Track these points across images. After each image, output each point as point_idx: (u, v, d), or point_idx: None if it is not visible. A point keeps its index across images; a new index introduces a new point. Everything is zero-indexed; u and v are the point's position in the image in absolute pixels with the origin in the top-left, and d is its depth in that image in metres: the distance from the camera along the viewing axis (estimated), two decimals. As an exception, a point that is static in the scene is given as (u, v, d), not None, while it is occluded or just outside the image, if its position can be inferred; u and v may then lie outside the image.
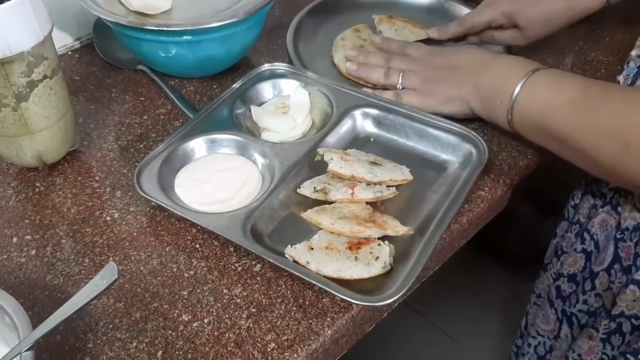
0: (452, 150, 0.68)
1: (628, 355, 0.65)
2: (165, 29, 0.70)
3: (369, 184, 0.64)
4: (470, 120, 0.73)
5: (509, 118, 0.64)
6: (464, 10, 0.90)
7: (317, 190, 0.63)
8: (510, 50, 0.83)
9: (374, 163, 0.66)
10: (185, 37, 0.71)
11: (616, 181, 0.60)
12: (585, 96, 0.59)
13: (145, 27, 0.70)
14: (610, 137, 0.55)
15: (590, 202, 0.73)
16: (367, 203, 0.63)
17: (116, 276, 0.46)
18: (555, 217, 0.84)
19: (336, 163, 0.65)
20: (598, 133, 0.56)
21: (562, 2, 0.77)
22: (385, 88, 0.75)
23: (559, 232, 0.79)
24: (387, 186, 0.64)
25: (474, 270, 1.54)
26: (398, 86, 0.74)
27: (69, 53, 0.84)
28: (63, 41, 0.84)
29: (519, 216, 1.43)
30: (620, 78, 0.68)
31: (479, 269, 1.55)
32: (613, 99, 0.57)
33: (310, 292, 0.56)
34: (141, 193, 0.61)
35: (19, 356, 0.45)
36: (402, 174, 0.66)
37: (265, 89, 0.75)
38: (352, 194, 0.62)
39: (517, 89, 0.63)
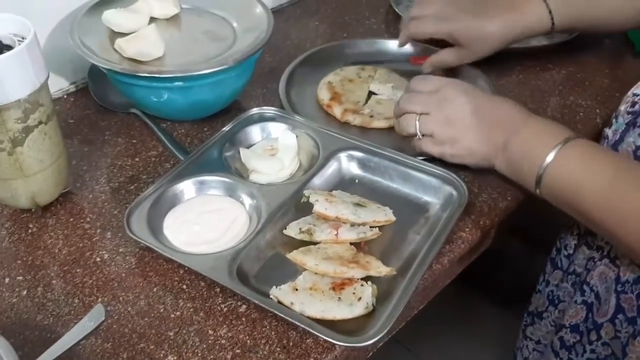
0: (434, 192, 0.70)
1: None
2: (157, 75, 0.72)
3: (353, 225, 0.66)
4: (450, 163, 0.76)
5: (537, 187, 0.63)
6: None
7: (303, 231, 0.65)
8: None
9: (358, 204, 0.68)
10: (176, 83, 0.74)
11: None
12: (619, 183, 0.57)
13: (138, 74, 0.72)
14: None
15: (585, 253, 0.72)
16: (351, 244, 0.65)
17: (103, 318, 0.48)
18: (543, 254, 0.85)
19: (321, 204, 0.67)
20: (630, 221, 0.56)
21: (500, 22, 0.81)
22: None
23: (552, 280, 0.78)
24: (371, 227, 0.66)
25: (465, 307, 1.54)
26: (418, 136, 0.70)
27: (65, 96, 0.87)
28: (59, 85, 0.86)
29: (507, 253, 1.44)
30: (609, 132, 0.68)
31: (470, 305, 1.55)
32: None
33: (294, 332, 0.58)
34: (130, 234, 0.62)
35: (6, 397, 0.46)
36: (385, 215, 0.67)
37: (254, 132, 0.77)
38: (337, 234, 0.64)
39: (548, 160, 0.61)
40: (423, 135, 0.70)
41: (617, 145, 0.65)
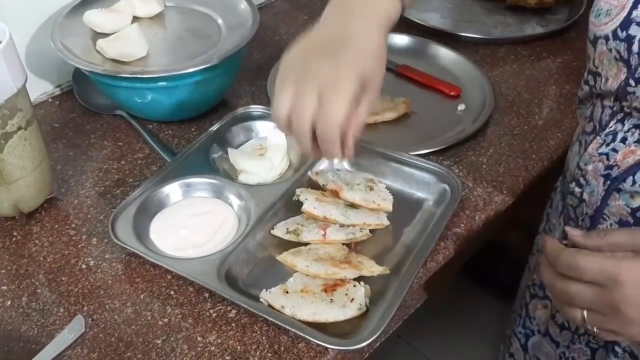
0: (427, 188, 0.68)
1: None
2: (139, 76, 0.71)
3: (342, 225, 0.64)
4: (444, 157, 0.74)
5: None
6: (442, 50, 0.91)
7: (290, 232, 0.63)
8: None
9: (349, 206, 0.66)
10: (160, 83, 0.72)
11: None
12: None
13: (120, 75, 0.71)
14: None
15: None
16: (343, 244, 0.63)
17: (83, 330, 0.46)
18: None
19: (310, 203, 0.65)
20: None
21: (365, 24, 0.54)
22: None
23: (561, 342, 0.72)
24: (362, 228, 0.64)
25: (467, 301, 1.52)
26: (592, 328, 0.51)
27: (50, 100, 0.85)
28: (44, 88, 0.85)
29: (508, 247, 1.42)
30: (585, 195, 0.61)
31: (472, 299, 1.54)
32: None
33: (285, 337, 0.56)
34: (115, 240, 0.61)
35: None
36: (377, 218, 0.65)
37: (242, 132, 0.76)
38: (324, 235, 0.63)
39: None
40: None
41: (602, 209, 0.58)
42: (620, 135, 0.57)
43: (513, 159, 0.74)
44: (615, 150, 0.57)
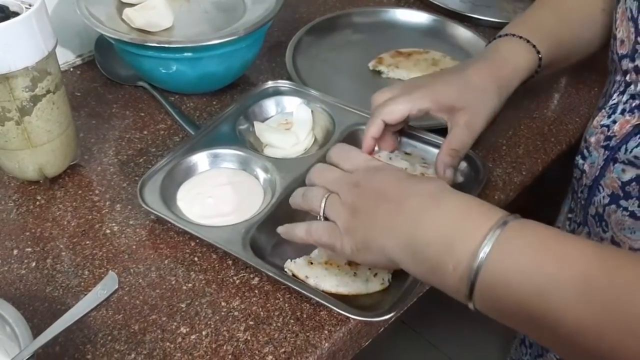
0: (449, 167, 0.69)
1: None
2: (166, 45, 0.71)
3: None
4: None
5: (467, 292, 0.44)
6: (461, 30, 0.92)
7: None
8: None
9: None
10: (185, 54, 0.73)
11: None
12: (603, 275, 0.40)
13: (147, 44, 0.71)
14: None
15: None
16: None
17: (117, 286, 0.47)
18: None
19: (334, 178, 0.65)
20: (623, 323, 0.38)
21: (485, 70, 0.65)
22: None
23: None
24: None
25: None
26: (319, 217, 0.54)
27: (71, 69, 0.85)
28: (65, 58, 0.85)
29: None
30: (585, 166, 0.63)
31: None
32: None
33: (307, 305, 0.57)
34: (143, 205, 0.61)
35: (19, 366, 0.45)
36: None
37: (269, 106, 0.76)
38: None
39: (483, 253, 0.42)
40: (325, 219, 0.54)
41: (599, 180, 0.61)
42: (620, 107, 0.58)
43: (532, 141, 0.75)
44: (615, 122, 0.58)
